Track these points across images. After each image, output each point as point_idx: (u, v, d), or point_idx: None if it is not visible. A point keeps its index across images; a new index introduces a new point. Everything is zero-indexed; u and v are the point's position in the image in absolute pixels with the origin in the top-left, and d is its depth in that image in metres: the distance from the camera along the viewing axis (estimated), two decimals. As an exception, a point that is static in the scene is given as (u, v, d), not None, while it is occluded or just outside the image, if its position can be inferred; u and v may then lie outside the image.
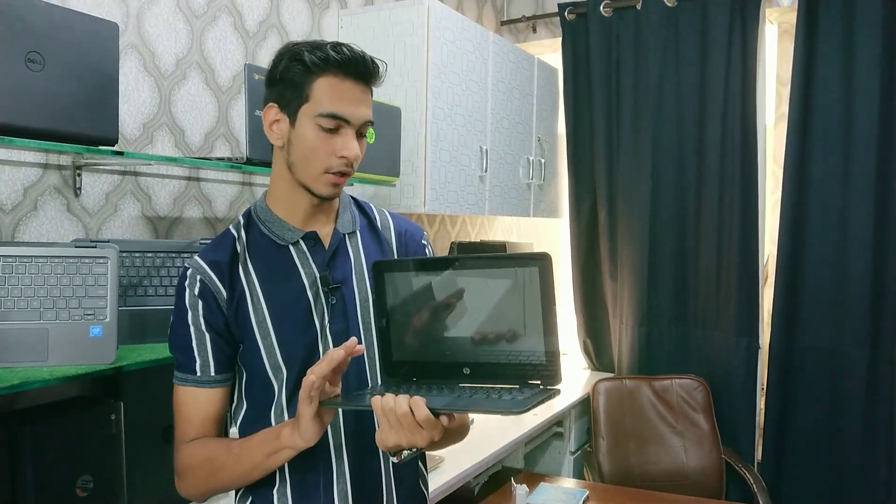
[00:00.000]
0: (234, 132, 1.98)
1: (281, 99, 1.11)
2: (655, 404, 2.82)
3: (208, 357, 1.13)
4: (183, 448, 1.13)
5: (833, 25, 2.61)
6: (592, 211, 3.21)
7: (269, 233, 1.17)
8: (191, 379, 1.13)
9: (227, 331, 1.14)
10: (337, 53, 1.07)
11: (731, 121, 2.81)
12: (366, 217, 1.27)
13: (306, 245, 1.17)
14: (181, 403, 1.15)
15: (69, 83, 1.29)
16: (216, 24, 1.92)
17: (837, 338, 2.64)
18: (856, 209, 2.59)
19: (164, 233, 1.80)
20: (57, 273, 1.31)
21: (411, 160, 2.27)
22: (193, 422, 1.13)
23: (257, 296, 1.14)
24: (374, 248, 1.24)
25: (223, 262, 1.14)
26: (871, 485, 2.59)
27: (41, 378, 1.21)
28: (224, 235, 1.19)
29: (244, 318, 1.13)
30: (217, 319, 1.13)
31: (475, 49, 2.51)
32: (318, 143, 1.09)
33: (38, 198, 1.52)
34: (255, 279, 1.15)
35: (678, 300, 2.99)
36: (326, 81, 1.08)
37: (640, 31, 2.98)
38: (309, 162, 1.10)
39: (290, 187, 1.15)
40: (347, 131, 1.10)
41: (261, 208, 1.19)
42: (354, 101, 1.09)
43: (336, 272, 1.17)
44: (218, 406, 1.15)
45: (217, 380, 1.14)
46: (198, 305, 1.13)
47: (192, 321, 1.13)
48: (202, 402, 1.14)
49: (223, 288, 1.13)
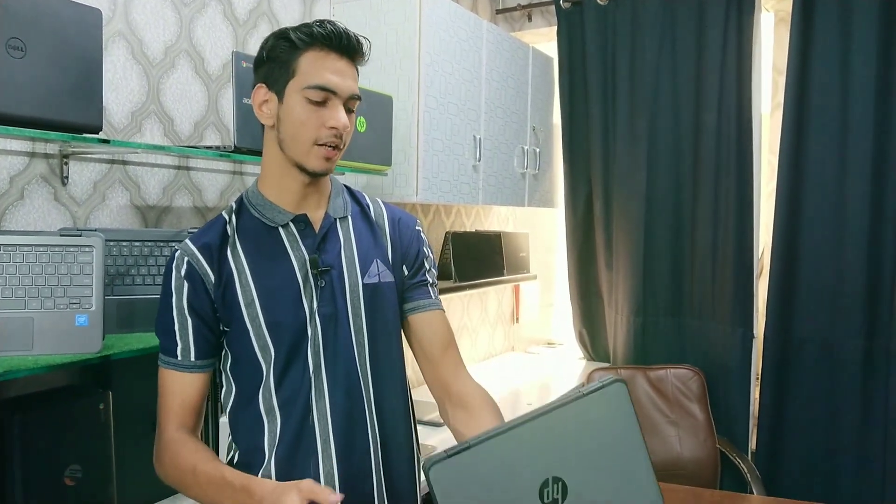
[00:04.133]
0: (224, 121, 1.96)
1: (269, 78, 1.14)
2: (650, 394, 2.82)
3: (189, 342, 1.14)
4: (166, 433, 1.14)
5: (829, 13, 2.59)
6: (588, 201, 3.21)
7: (259, 215, 1.18)
8: (171, 362, 1.15)
9: (213, 315, 1.15)
10: (321, 28, 1.10)
11: (726, 110, 2.79)
12: (358, 205, 1.28)
13: (296, 227, 1.18)
14: (162, 386, 1.17)
15: (52, 70, 1.28)
16: (205, 12, 1.91)
17: (832, 328, 2.64)
18: (852, 199, 2.58)
19: (154, 222, 1.79)
20: (42, 262, 1.30)
21: (404, 149, 2.25)
22: (173, 405, 1.15)
23: (246, 277, 1.14)
24: (366, 234, 1.24)
25: (213, 244, 1.15)
26: (865, 474, 2.59)
27: (26, 367, 1.21)
28: (216, 220, 1.20)
29: (232, 299, 1.14)
30: (202, 303, 1.14)
31: (469, 38, 2.50)
32: (306, 116, 1.11)
33: (24, 186, 1.51)
34: (243, 261, 1.15)
35: (673, 290, 2.98)
36: (312, 55, 1.11)
37: (636, 20, 2.96)
38: (299, 136, 1.11)
39: (282, 168, 1.16)
40: (335, 103, 1.12)
41: (252, 193, 1.20)
42: (340, 73, 1.12)
43: (326, 255, 1.18)
44: (196, 392, 1.16)
45: (197, 365, 1.15)
46: (183, 288, 1.13)
47: (175, 304, 1.14)
48: (181, 386, 1.15)
49: (211, 271, 1.14)
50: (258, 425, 1.16)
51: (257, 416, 1.16)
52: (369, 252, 1.22)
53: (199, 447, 1.12)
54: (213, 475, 1.06)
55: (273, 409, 1.15)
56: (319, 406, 1.15)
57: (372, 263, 1.22)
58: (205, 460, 1.09)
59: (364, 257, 1.21)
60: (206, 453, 1.11)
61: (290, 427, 1.14)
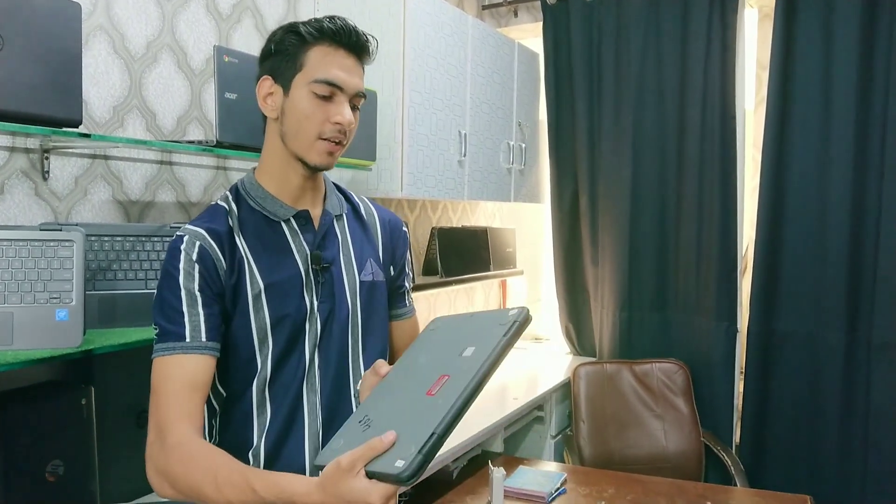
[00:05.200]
0: (207, 116, 1.96)
1: (275, 70, 1.14)
2: (636, 388, 2.84)
3: (199, 321, 1.07)
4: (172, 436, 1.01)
5: (812, 9, 2.61)
6: (574, 196, 3.22)
7: (259, 208, 1.18)
8: (178, 346, 1.05)
9: (222, 302, 1.11)
10: (331, 23, 1.12)
11: (710, 105, 2.81)
12: (349, 203, 1.29)
13: (297, 223, 1.19)
14: (162, 377, 1.05)
15: (31, 64, 1.27)
16: (188, 7, 1.90)
17: (815, 321, 2.66)
18: (833, 194, 2.61)
19: (137, 217, 1.79)
20: (22, 256, 1.29)
21: (388, 144, 2.25)
22: (178, 398, 1.03)
23: (253, 270, 1.14)
24: (359, 233, 1.26)
25: (221, 231, 1.13)
26: (847, 465, 2.62)
27: (6, 362, 1.20)
28: (215, 209, 1.17)
29: (241, 289, 1.12)
30: (215, 286, 1.09)
31: (454, 33, 2.50)
32: (312, 110, 1.11)
33: (4, 181, 1.50)
34: (248, 253, 1.15)
35: (658, 285, 3.00)
36: (321, 49, 1.12)
37: (621, 16, 2.97)
38: (303, 129, 1.12)
39: (283, 161, 1.16)
40: (341, 98, 1.12)
41: (250, 184, 1.19)
42: (347, 70, 1.13)
43: (326, 252, 1.19)
44: (205, 375, 1.06)
45: (208, 346, 1.07)
46: (194, 270, 1.08)
47: (184, 286, 1.08)
48: (189, 370, 1.04)
49: (223, 258, 1.11)
50: (247, 419, 1.15)
51: (248, 409, 1.15)
52: (364, 251, 1.24)
53: (214, 449, 1.01)
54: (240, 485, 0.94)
55: (265, 401, 1.15)
56: (310, 399, 1.16)
57: (367, 262, 1.23)
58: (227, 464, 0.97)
59: (359, 255, 1.23)
60: (225, 456, 0.99)
61: (279, 418, 1.14)
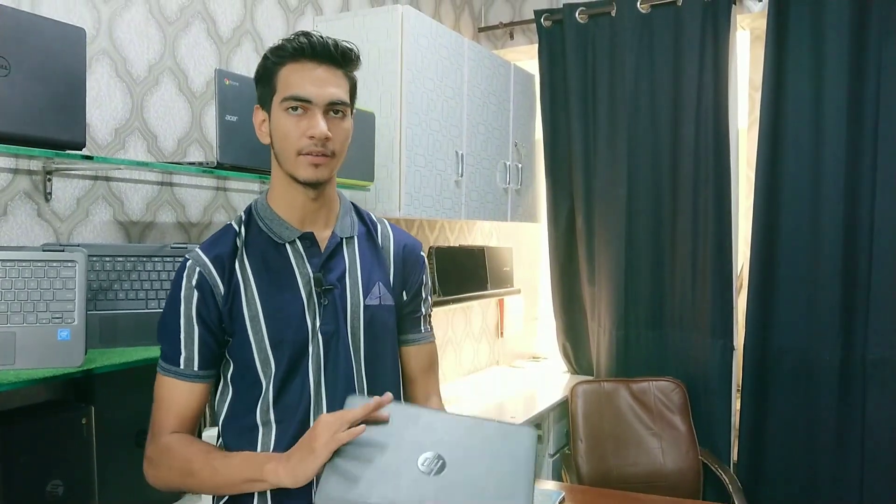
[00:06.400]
0: (207, 137, 1.98)
1: (261, 98, 1.20)
2: (633, 406, 2.84)
3: (193, 351, 1.16)
4: (162, 438, 1.15)
5: (802, 31, 2.65)
6: (570, 216, 3.24)
7: (267, 230, 1.21)
8: (173, 370, 1.16)
9: (219, 325, 1.17)
10: (291, 42, 1.15)
11: (704, 125, 2.85)
12: (365, 225, 1.30)
13: (302, 245, 1.21)
14: (161, 393, 1.17)
15: (35, 88, 1.30)
16: (189, 31, 1.93)
17: (810, 338, 2.68)
18: (826, 212, 2.63)
19: (137, 238, 1.81)
20: (24, 277, 1.31)
21: (386, 165, 2.28)
22: (170, 413, 1.16)
23: (251, 291, 1.17)
24: (370, 255, 1.27)
25: (224, 255, 1.18)
26: (844, 483, 2.62)
27: (8, 381, 1.22)
28: (226, 230, 1.22)
29: (238, 312, 1.16)
30: (210, 313, 1.16)
31: (450, 55, 2.54)
32: (288, 128, 1.15)
33: (7, 203, 1.52)
34: (250, 274, 1.17)
35: (654, 303, 3.02)
36: (288, 68, 1.15)
37: (614, 38, 3.02)
38: (284, 148, 1.16)
39: (285, 183, 1.20)
40: (313, 112, 1.15)
41: (261, 205, 1.23)
42: (315, 82, 1.15)
43: (330, 274, 1.21)
44: (196, 401, 1.18)
45: (199, 375, 1.17)
46: (192, 297, 1.15)
47: (183, 313, 1.16)
48: (181, 394, 1.16)
49: (221, 282, 1.16)
50: (252, 433, 1.17)
51: (252, 425, 1.17)
52: (372, 274, 1.25)
53: (196, 440, 1.17)
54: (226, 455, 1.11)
55: (269, 421, 1.16)
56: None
57: (374, 285, 1.24)
58: (204, 448, 1.13)
59: (367, 279, 1.24)
60: (204, 444, 1.15)
61: (285, 440, 1.15)
